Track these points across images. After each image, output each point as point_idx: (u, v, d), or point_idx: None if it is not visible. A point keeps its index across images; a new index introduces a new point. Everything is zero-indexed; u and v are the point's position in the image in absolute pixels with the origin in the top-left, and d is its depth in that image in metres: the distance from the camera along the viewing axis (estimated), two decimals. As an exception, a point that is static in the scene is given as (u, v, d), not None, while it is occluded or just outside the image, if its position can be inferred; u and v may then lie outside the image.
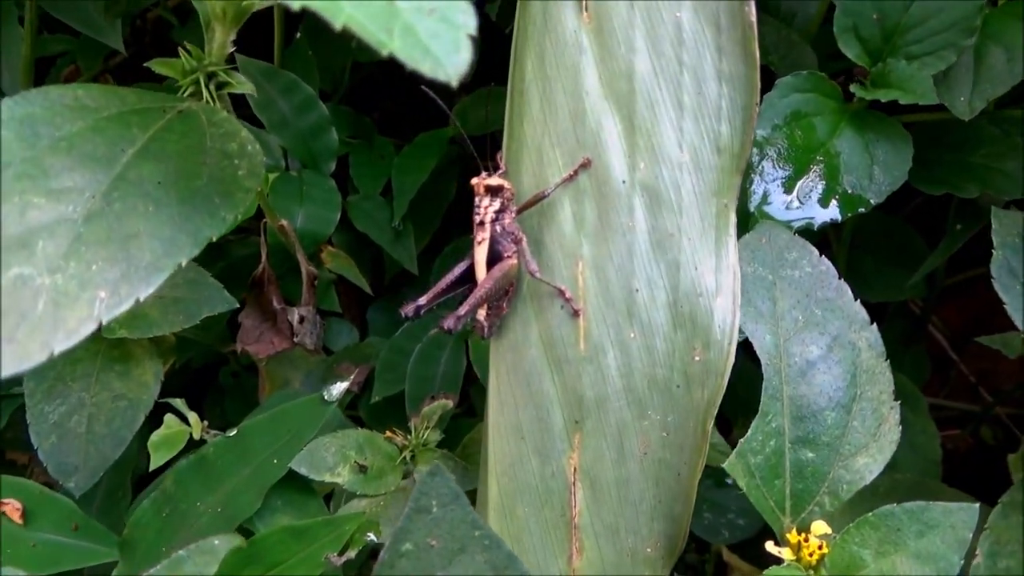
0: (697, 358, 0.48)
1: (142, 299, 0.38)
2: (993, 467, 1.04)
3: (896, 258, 0.92)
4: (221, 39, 0.49)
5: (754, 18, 0.47)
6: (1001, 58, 0.66)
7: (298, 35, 0.94)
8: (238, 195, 0.42)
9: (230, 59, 0.54)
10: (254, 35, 0.90)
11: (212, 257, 0.86)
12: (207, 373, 0.98)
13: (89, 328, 0.36)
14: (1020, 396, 0.99)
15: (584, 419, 0.49)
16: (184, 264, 0.39)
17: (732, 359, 0.47)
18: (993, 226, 0.54)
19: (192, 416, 0.70)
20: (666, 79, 0.49)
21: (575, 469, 0.49)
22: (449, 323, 0.48)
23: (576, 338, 0.50)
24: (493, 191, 0.49)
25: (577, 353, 0.49)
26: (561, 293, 0.50)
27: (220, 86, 0.50)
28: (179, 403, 0.71)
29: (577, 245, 0.50)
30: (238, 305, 0.71)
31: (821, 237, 0.65)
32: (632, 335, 0.49)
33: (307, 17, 0.96)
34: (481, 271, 0.51)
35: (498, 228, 0.50)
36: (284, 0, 0.30)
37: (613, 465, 0.49)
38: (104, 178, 0.40)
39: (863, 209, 0.63)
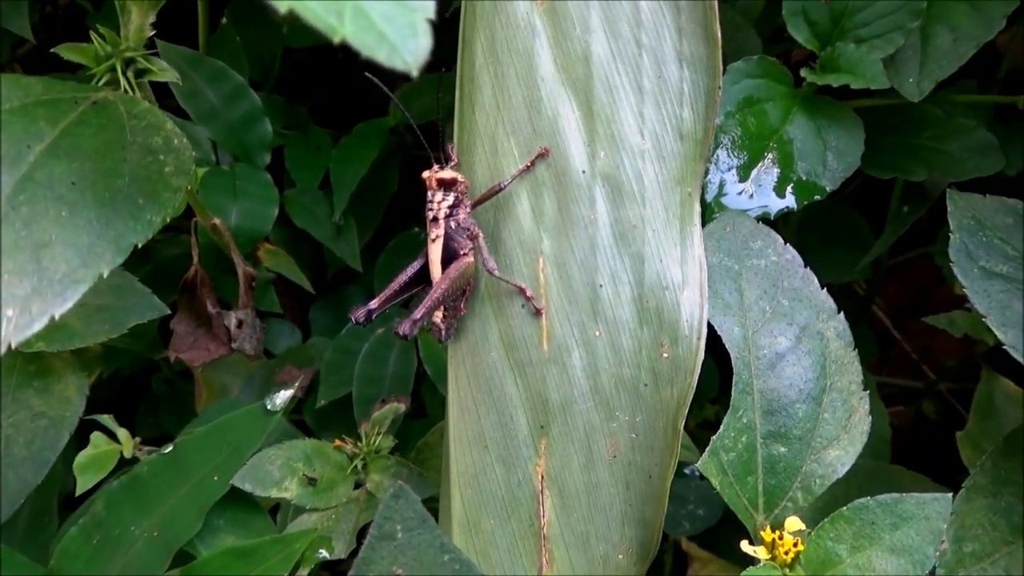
0: (665, 355, 0.46)
1: (57, 316, 0.33)
2: (937, 442, 1.06)
3: (841, 239, 0.92)
4: (138, 22, 0.44)
5: (715, -2, 0.45)
6: (947, 39, 0.66)
7: (224, 20, 0.88)
8: (165, 195, 0.38)
9: (149, 45, 0.49)
10: (175, 20, 0.84)
11: (138, 260, 0.81)
12: (138, 381, 0.92)
13: (-5, 352, 0.32)
14: (960, 371, 1.01)
15: (550, 423, 0.46)
16: (106, 274, 0.34)
17: (701, 355, 0.46)
18: (949, 208, 0.53)
19: (122, 433, 0.65)
20: (625, 62, 0.46)
21: (542, 476, 0.46)
22: (404, 328, 0.45)
23: (539, 338, 0.47)
24: (446, 185, 0.46)
25: (540, 354, 0.47)
26: (522, 291, 0.47)
27: (139, 74, 0.45)
28: (107, 419, 0.66)
29: (537, 240, 0.47)
30: (169, 312, 0.66)
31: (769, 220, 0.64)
32: (597, 333, 0.46)
33: (233, 1, 0.90)
34: (436, 271, 0.48)
35: (452, 224, 0.47)
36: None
37: (582, 470, 0.46)
38: (8, 179, 0.36)
39: (818, 196, 0.62)
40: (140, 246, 0.36)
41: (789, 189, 0.62)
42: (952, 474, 0.88)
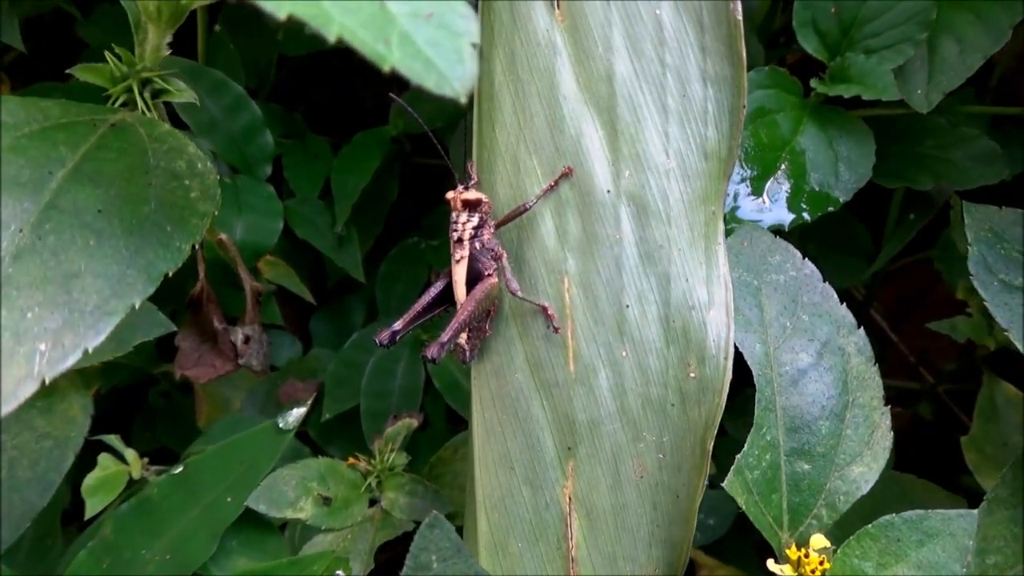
0: (692, 375, 0.46)
1: (91, 349, 0.32)
2: (934, 443, 1.07)
3: (841, 246, 0.93)
4: (155, 41, 0.43)
5: (740, 16, 0.45)
6: (954, 50, 0.66)
7: (217, 27, 0.87)
8: (192, 221, 0.37)
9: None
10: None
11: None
12: (134, 394, 0.91)
13: (29, 389, 0.31)
14: (958, 374, 1.02)
15: (577, 445, 0.46)
16: (138, 305, 0.33)
17: (729, 375, 0.45)
18: (965, 221, 0.53)
19: (130, 453, 0.64)
20: (648, 81, 0.46)
21: (570, 498, 0.46)
22: (433, 352, 0.44)
23: (565, 359, 0.47)
24: (471, 206, 0.46)
25: (566, 375, 0.46)
26: (544, 310, 0.47)
27: (156, 94, 0.44)
28: (114, 439, 0.65)
29: (561, 260, 0.47)
30: (175, 328, 0.65)
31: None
32: (624, 353, 0.46)
33: (225, 8, 0.88)
34: (461, 292, 0.47)
35: (477, 245, 0.46)
36: (265, 5, 0.25)
37: (609, 491, 0.46)
38: (31, 207, 0.35)
39: (832, 208, 0.62)
40: (171, 275, 0.35)
41: (802, 201, 0.62)
42: (951, 475, 0.89)
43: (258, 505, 0.57)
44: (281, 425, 0.61)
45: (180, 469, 0.60)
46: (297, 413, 0.61)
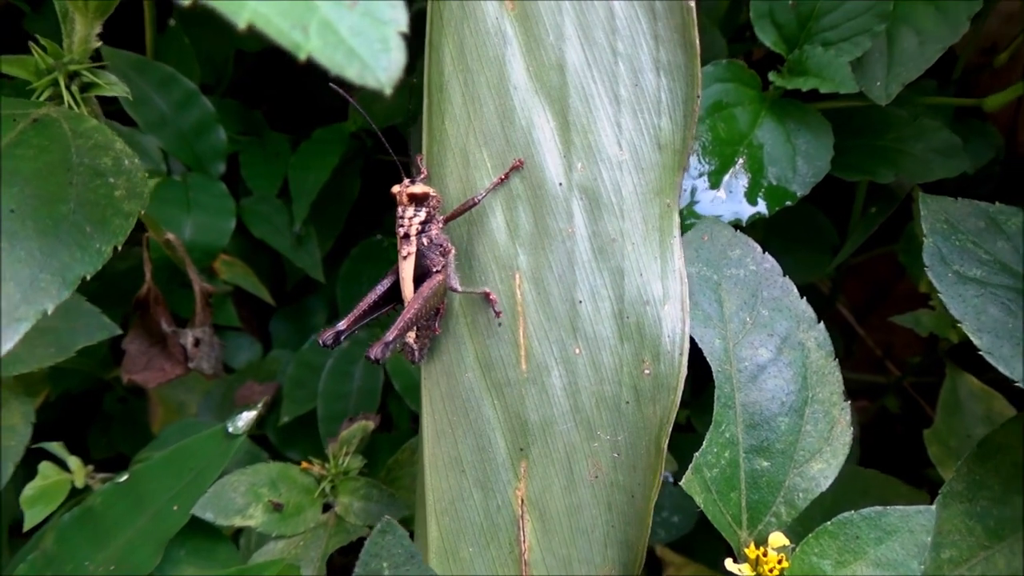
0: (647, 372, 0.45)
1: (-1, 356, 0.30)
2: (899, 436, 1.07)
3: (806, 239, 0.93)
4: (83, 32, 0.41)
5: (692, 2, 0.44)
6: (913, 41, 0.65)
7: (172, 22, 0.84)
8: (115, 221, 0.35)
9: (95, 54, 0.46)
10: (118, 22, 0.80)
11: (86, 274, 0.77)
12: (89, 399, 0.88)
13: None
14: (923, 367, 1.03)
15: (529, 445, 0.45)
16: (50, 310, 0.32)
17: (684, 371, 0.44)
18: (921, 212, 0.53)
19: (73, 461, 0.61)
20: (600, 70, 0.45)
21: (522, 500, 0.45)
22: (376, 352, 0.42)
23: (516, 357, 0.45)
24: (418, 200, 0.44)
25: (518, 374, 0.45)
26: (486, 296, 0.45)
27: (85, 88, 0.42)
28: (57, 447, 0.62)
29: (513, 255, 0.45)
30: (120, 332, 0.63)
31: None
32: (577, 351, 0.45)
33: (181, 1, 0.86)
34: (408, 289, 0.45)
35: (425, 241, 0.45)
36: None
37: (563, 492, 0.45)
38: (-61, 206, 0.33)
39: (789, 202, 0.61)
40: (88, 278, 0.33)
41: (760, 195, 0.62)
42: (916, 467, 0.89)
43: (205, 513, 0.55)
44: (231, 430, 0.59)
45: (125, 477, 0.58)
46: (247, 417, 0.59)
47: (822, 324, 0.50)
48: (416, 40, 0.50)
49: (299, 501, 0.59)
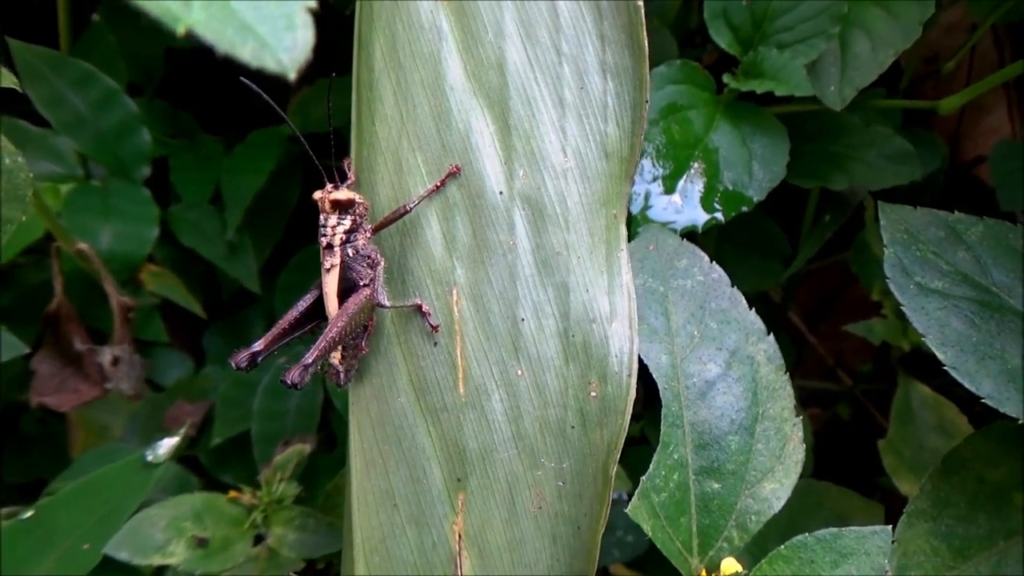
0: (593, 394, 0.42)
1: None
2: (852, 442, 1.07)
3: (758, 247, 0.91)
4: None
5: (640, 2, 0.41)
6: (866, 46, 0.64)
7: (96, 17, 0.79)
8: (-11, 232, 0.31)
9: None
10: (36, 16, 0.74)
11: (-5, 288, 0.71)
12: (5, 420, 0.82)
13: None
14: (874, 374, 1.02)
15: (467, 476, 0.41)
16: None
17: (633, 393, 0.41)
18: (881, 222, 0.51)
19: (-27, 494, 0.56)
20: (543, 71, 0.42)
21: (460, 536, 0.41)
22: (293, 376, 0.38)
23: (454, 380, 0.42)
24: (342, 207, 0.40)
25: (456, 398, 0.42)
26: (418, 308, 0.42)
27: (-35, 81, 0.37)
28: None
29: (449, 269, 0.42)
30: (28, 350, 0.58)
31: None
32: (519, 372, 0.42)
33: (106, -4, 0.81)
34: (332, 304, 0.42)
35: (350, 251, 0.41)
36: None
37: (504, 526, 0.41)
38: None
39: (745, 208, 0.59)
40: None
41: (716, 200, 0.59)
42: (869, 475, 0.88)
43: (119, 552, 0.51)
44: (150, 458, 0.54)
45: (30, 513, 0.52)
46: (168, 444, 0.54)
47: (771, 336, 0.48)
48: (343, 34, 0.46)
49: (227, 534, 0.55)
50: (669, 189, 0.59)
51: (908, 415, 0.83)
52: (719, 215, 0.58)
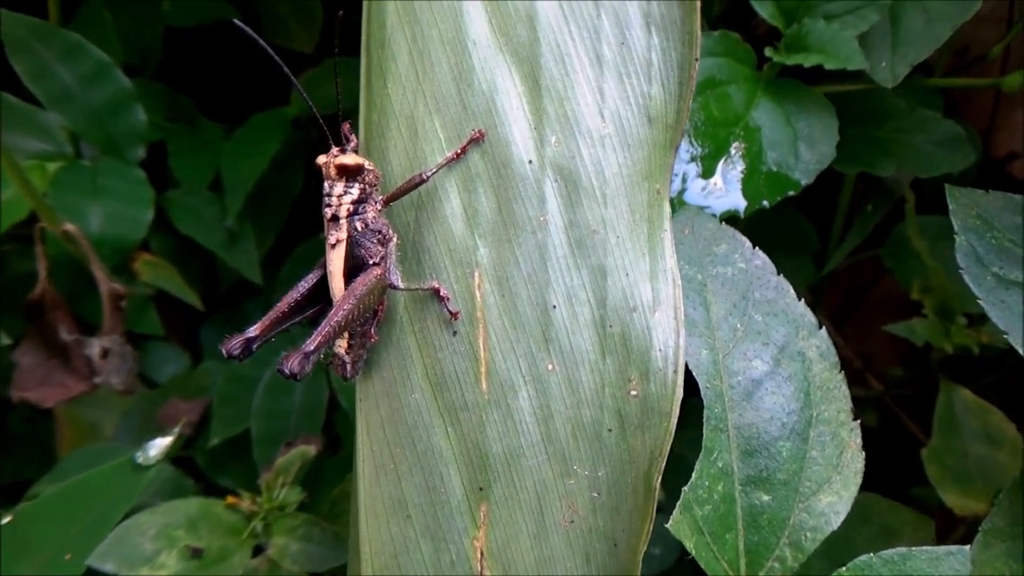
0: (633, 393, 0.37)
1: None
2: (879, 453, 1.01)
3: (786, 244, 0.86)
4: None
5: (690, -56, 0.36)
6: (920, 19, 0.59)
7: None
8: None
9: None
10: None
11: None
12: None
13: None
14: (906, 378, 0.97)
15: (491, 484, 0.36)
16: None
17: (679, 392, 0.36)
18: (950, 207, 0.46)
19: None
20: (579, 25, 0.37)
21: (481, 553, 0.36)
22: (292, 365, 0.33)
23: (475, 374, 0.37)
24: (349, 173, 0.36)
25: (477, 395, 0.37)
26: (435, 293, 0.37)
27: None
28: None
29: (471, 249, 0.37)
30: (10, 341, 0.53)
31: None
32: (549, 367, 0.37)
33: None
34: (338, 285, 0.37)
35: (359, 225, 0.36)
36: None
37: (532, 542, 0.36)
38: None
39: (791, 192, 0.54)
40: None
41: (759, 183, 0.54)
42: (899, 486, 0.83)
43: (104, 563, 0.46)
44: (140, 460, 0.49)
45: (7, 519, 0.48)
46: (159, 445, 0.49)
47: (824, 331, 0.43)
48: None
49: (224, 544, 0.50)
50: (708, 171, 0.53)
51: (952, 422, 0.78)
52: (764, 201, 0.53)
